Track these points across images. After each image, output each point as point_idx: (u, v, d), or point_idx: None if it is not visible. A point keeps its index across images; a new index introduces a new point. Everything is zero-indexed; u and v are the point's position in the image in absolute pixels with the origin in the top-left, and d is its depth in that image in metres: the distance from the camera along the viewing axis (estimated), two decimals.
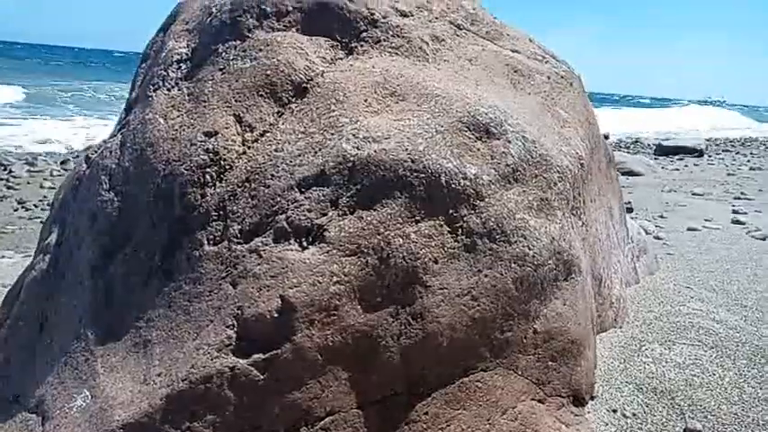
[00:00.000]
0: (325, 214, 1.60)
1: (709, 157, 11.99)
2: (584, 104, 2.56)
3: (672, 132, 19.75)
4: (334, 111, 1.76)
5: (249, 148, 1.73)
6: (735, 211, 5.90)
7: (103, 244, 1.79)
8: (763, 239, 4.77)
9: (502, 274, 1.70)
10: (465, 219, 1.69)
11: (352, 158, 1.64)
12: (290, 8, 1.98)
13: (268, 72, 1.83)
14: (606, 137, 14.17)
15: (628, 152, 13.10)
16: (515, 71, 2.29)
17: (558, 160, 1.95)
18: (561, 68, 2.54)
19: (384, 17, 2.09)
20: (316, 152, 1.68)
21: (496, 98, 2.03)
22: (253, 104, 1.80)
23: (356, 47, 2.03)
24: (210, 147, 1.72)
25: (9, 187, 7.04)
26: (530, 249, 1.75)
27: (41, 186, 7.18)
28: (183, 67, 1.97)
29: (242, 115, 1.78)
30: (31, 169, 8.37)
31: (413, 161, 1.66)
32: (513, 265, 1.72)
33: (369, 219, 1.60)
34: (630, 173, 8.97)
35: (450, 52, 2.18)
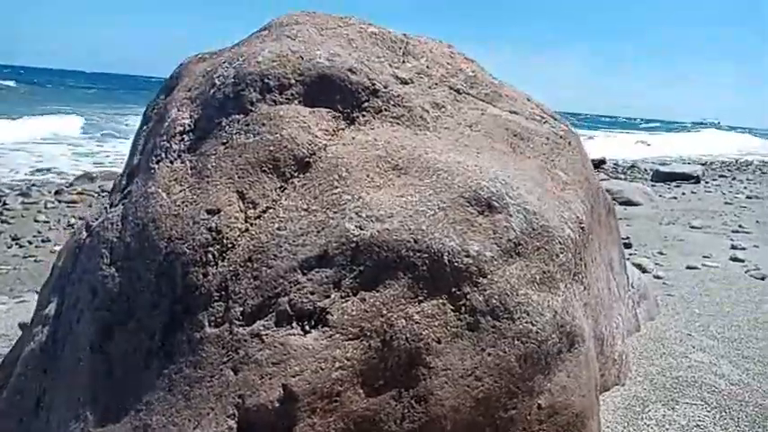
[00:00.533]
0: (327, 296, 1.60)
1: (706, 183, 12.05)
2: (582, 162, 2.58)
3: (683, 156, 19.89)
4: (336, 187, 1.77)
5: (252, 225, 1.73)
6: (733, 246, 5.91)
7: (103, 320, 1.78)
8: (762, 279, 4.77)
9: (505, 352, 1.69)
10: (468, 297, 1.68)
11: (355, 239, 1.64)
12: (293, 81, 2.00)
13: (271, 147, 1.83)
14: (603, 162, 14.27)
15: (625, 178, 13.18)
16: (515, 135, 2.30)
17: (560, 230, 1.96)
18: (560, 128, 2.56)
19: (385, 87, 2.11)
20: (318, 231, 1.68)
21: (497, 166, 2.04)
22: (256, 180, 1.80)
23: (358, 117, 2.04)
24: (213, 225, 1.72)
25: (3, 221, 7.02)
26: (533, 325, 1.74)
27: (35, 220, 7.16)
28: (186, 139, 1.98)
29: (245, 191, 1.79)
30: (26, 201, 8.36)
31: (416, 241, 1.66)
32: (516, 342, 1.71)
33: (372, 300, 1.60)
34: (629, 202, 9.02)
35: (451, 119, 2.20)
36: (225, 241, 1.70)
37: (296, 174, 1.83)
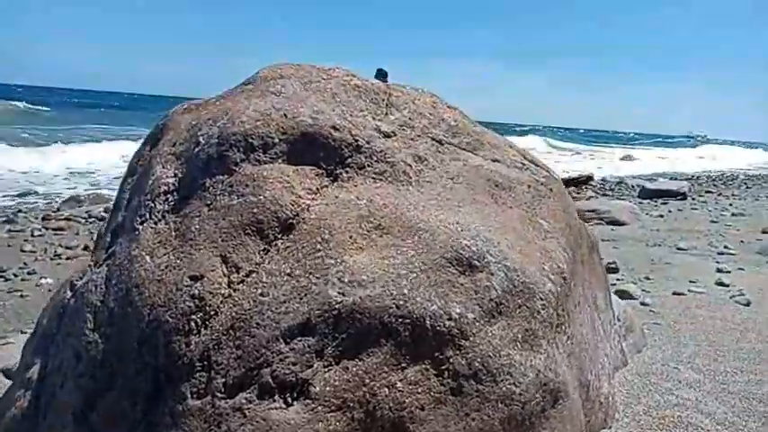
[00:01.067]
0: (310, 366, 1.60)
1: (693, 200, 12.19)
2: (564, 208, 2.61)
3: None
4: (319, 250, 1.78)
5: (235, 290, 1.73)
6: (719, 270, 5.97)
7: (87, 388, 1.77)
8: (747, 305, 4.82)
9: (489, 416, 1.70)
10: (451, 360, 1.70)
11: (337, 306, 1.65)
12: (277, 140, 2.02)
13: (255, 210, 1.85)
14: (590, 178, 14.33)
15: (612, 194, 13.30)
16: (497, 185, 2.33)
17: (541, 285, 1.98)
18: (541, 175, 2.60)
19: (368, 142, 2.14)
20: (301, 298, 1.68)
21: (479, 221, 2.07)
22: (239, 243, 1.81)
23: (341, 173, 2.06)
24: (196, 292, 1.72)
25: None
26: (516, 387, 1.76)
27: (22, 250, 7.08)
28: (170, 199, 1.99)
29: (228, 255, 1.79)
30: (12, 229, 8.27)
31: (398, 307, 1.67)
32: (500, 405, 1.72)
33: (354, 370, 1.60)
34: (616, 222, 9.09)
35: (433, 171, 2.23)
36: (208, 308, 1.70)
37: (279, 236, 1.84)
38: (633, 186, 14.65)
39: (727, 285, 5.35)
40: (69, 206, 10.99)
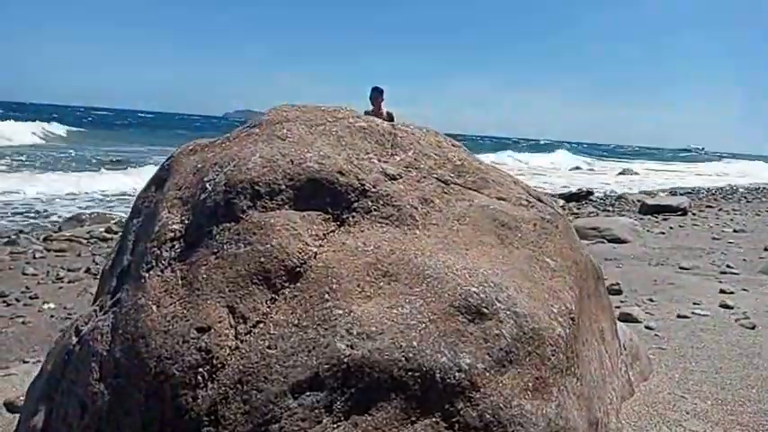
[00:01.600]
0: (319, 422, 1.59)
1: (693, 215, 12.18)
2: (570, 245, 2.61)
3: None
4: (327, 300, 1.77)
5: (242, 342, 1.72)
6: (722, 291, 5.95)
7: None
8: (752, 328, 4.79)
9: None
10: (461, 413, 1.68)
11: (346, 360, 1.64)
12: (283, 186, 2.03)
13: (262, 259, 1.84)
14: (590, 193, 14.34)
15: (613, 210, 13.30)
16: (503, 225, 2.33)
17: (551, 330, 1.97)
18: (547, 211, 2.60)
19: (374, 186, 2.14)
20: (309, 351, 1.67)
21: (486, 265, 2.06)
22: (246, 293, 1.80)
23: (348, 218, 2.06)
24: (203, 345, 1.71)
25: None
26: None
27: (23, 273, 7.06)
28: (177, 246, 1.98)
29: (235, 306, 1.79)
30: (13, 251, 8.26)
31: (407, 359, 1.66)
32: None
33: (364, 426, 1.59)
34: (617, 240, 9.08)
35: (439, 213, 2.23)
36: (215, 361, 1.69)
37: (287, 284, 1.83)
38: (634, 202, 14.66)
39: (732, 308, 5.33)
40: (71, 225, 10.97)
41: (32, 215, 12.29)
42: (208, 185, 2.08)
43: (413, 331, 1.71)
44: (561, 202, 14.70)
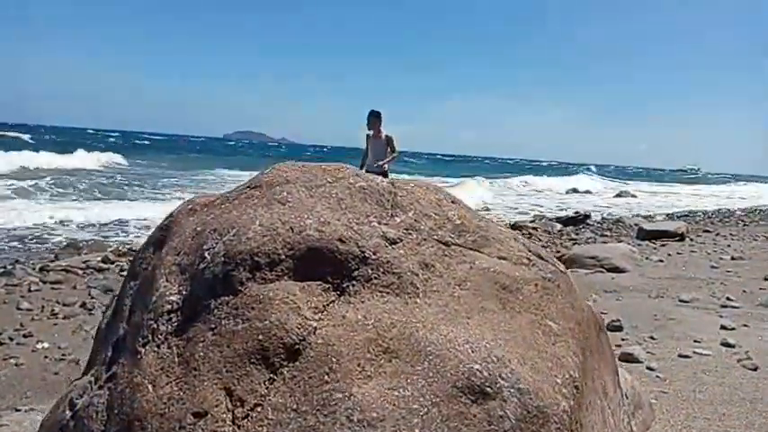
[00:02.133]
0: None
1: (691, 241, 12.19)
2: (572, 304, 2.58)
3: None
4: (327, 382, 1.74)
5: (239, 427, 1.68)
6: (723, 327, 5.92)
7: None
8: (755, 370, 4.75)
9: None
10: None
11: None
12: (283, 256, 2.00)
13: (260, 337, 1.81)
14: (588, 216, 14.35)
15: (610, 235, 13.30)
16: (504, 288, 2.31)
17: (555, 406, 1.93)
18: (548, 270, 2.58)
19: (374, 253, 2.12)
20: None
21: (489, 333, 2.04)
22: (244, 374, 1.77)
23: (348, 287, 2.04)
24: (200, 431, 1.67)
25: None
26: None
27: (18, 308, 6.98)
28: (174, 319, 1.95)
29: (232, 387, 1.75)
30: (9, 283, 8.18)
31: None
32: None
33: None
34: (616, 269, 9.06)
35: (440, 279, 2.20)
36: None
37: (285, 363, 1.80)
38: (631, 226, 14.68)
39: (733, 346, 5.28)
40: (68, 254, 10.90)
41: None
42: (207, 255, 2.05)
43: (415, 417, 1.68)
44: (559, 226, 14.70)
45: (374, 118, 14.20)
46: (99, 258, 10.25)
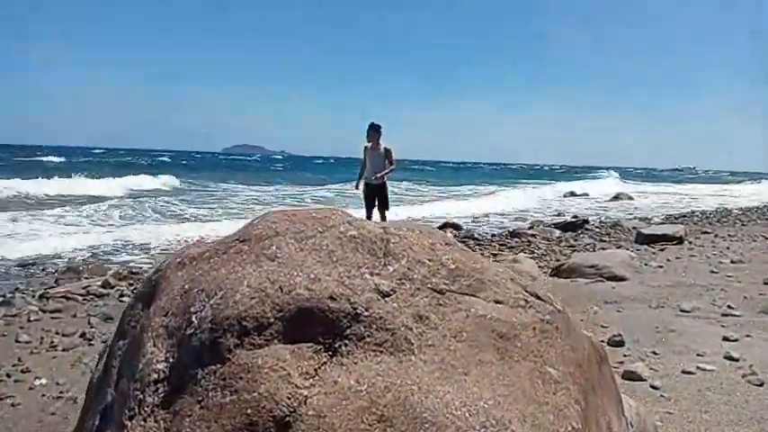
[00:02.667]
0: None
1: (690, 244, 12.14)
2: (572, 345, 2.53)
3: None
4: None
5: None
6: (725, 338, 5.88)
7: None
8: (761, 385, 4.70)
9: None
10: None
11: None
12: (272, 319, 1.96)
13: (249, 410, 1.76)
14: (586, 221, 14.31)
15: (609, 240, 13.26)
16: (501, 336, 2.26)
17: None
18: (546, 311, 2.53)
19: (367, 309, 2.07)
20: None
21: (487, 391, 1.99)
22: None
23: (340, 347, 1.99)
24: None
25: None
26: None
27: (17, 341, 6.90)
28: (161, 389, 1.90)
29: None
30: (8, 313, 8.10)
31: None
32: None
33: None
34: (615, 277, 9.02)
35: (435, 331, 2.16)
36: None
37: None
38: (629, 229, 14.65)
39: (737, 360, 5.23)
40: (68, 278, 10.79)
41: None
42: (194, 319, 2.00)
43: None
44: (557, 232, 14.66)
45: (373, 131, 14.20)
46: (99, 283, 10.16)
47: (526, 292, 2.60)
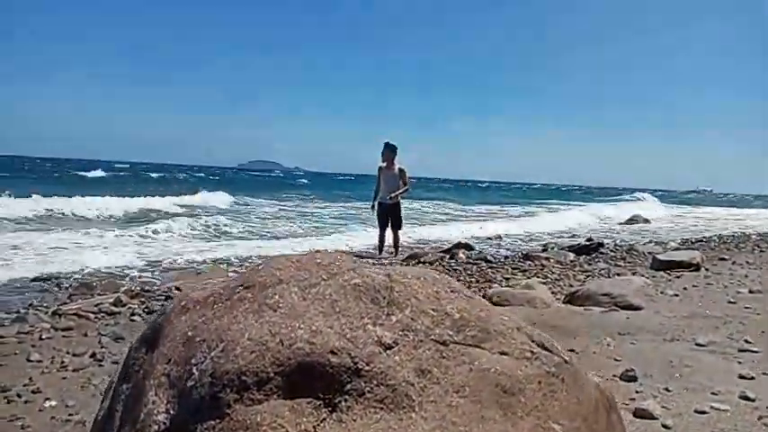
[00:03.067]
0: None
1: (706, 271, 11.94)
2: (577, 398, 2.49)
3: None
4: None
5: None
6: (741, 376, 5.73)
7: None
8: None
9: None
10: None
11: None
12: (272, 374, 1.95)
13: None
14: (601, 244, 14.11)
15: (624, 265, 13.09)
16: (505, 391, 2.24)
17: None
18: (552, 362, 2.50)
19: (368, 363, 2.06)
20: None
21: None
22: None
23: (340, 402, 1.98)
24: None
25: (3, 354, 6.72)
26: None
27: (29, 359, 6.96)
28: None
29: None
30: (21, 330, 8.19)
31: None
32: None
33: None
34: (630, 306, 8.89)
35: (437, 386, 2.14)
36: None
37: None
38: (645, 254, 14.45)
39: (753, 400, 5.09)
40: (81, 294, 10.88)
41: None
42: (195, 371, 2.01)
43: None
44: (572, 255, 14.51)
45: (388, 151, 14.29)
46: (111, 300, 10.25)
47: (532, 342, 2.57)
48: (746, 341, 6.96)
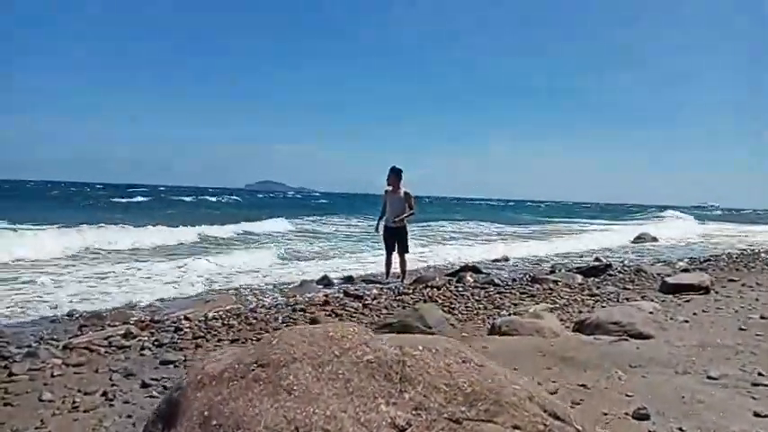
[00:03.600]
0: None
1: (716, 293, 11.88)
2: None
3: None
4: None
5: None
6: (756, 414, 5.68)
7: None
8: None
9: None
10: None
11: None
12: None
13: None
14: (609, 266, 14.08)
15: (632, 288, 13.04)
16: None
17: None
18: None
19: None
20: None
21: None
22: None
23: None
24: None
25: (7, 404, 6.76)
26: None
27: (40, 399, 6.97)
28: None
29: None
30: (32, 366, 8.21)
31: None
32: None
33: None
34: (640, 335, 8.86)
35: None
36: None
37: None
38: (653, 276, 14.41)
39: None
40: (92, 324, 10.87)
41: None
42: None
43: None
44: (579, 278, 14.48)
45: (394, 175, 14.44)
46: (121, 332, 10.24)
47: (545, 412, 2.58)
48: (760, 374, 6.89)
